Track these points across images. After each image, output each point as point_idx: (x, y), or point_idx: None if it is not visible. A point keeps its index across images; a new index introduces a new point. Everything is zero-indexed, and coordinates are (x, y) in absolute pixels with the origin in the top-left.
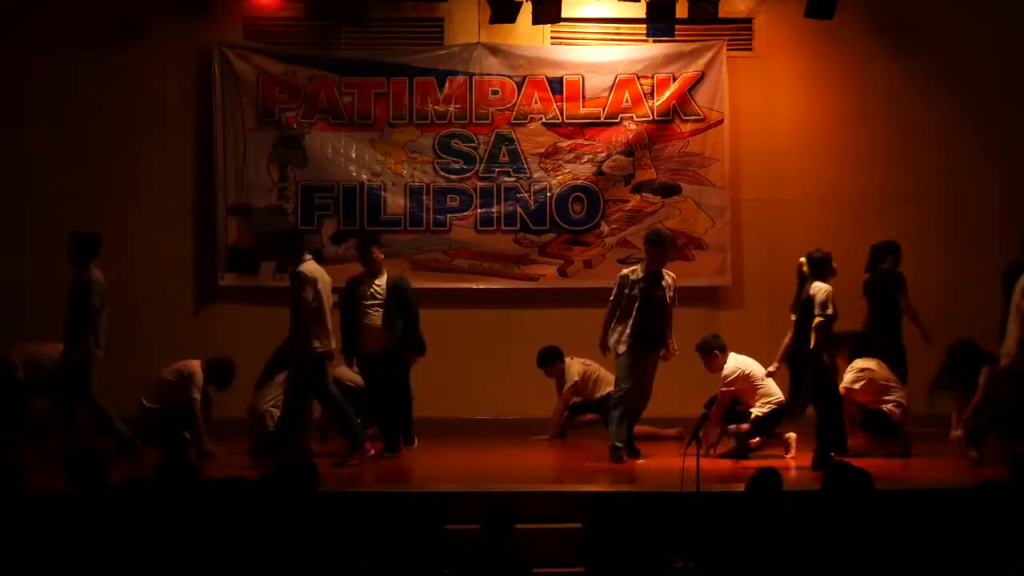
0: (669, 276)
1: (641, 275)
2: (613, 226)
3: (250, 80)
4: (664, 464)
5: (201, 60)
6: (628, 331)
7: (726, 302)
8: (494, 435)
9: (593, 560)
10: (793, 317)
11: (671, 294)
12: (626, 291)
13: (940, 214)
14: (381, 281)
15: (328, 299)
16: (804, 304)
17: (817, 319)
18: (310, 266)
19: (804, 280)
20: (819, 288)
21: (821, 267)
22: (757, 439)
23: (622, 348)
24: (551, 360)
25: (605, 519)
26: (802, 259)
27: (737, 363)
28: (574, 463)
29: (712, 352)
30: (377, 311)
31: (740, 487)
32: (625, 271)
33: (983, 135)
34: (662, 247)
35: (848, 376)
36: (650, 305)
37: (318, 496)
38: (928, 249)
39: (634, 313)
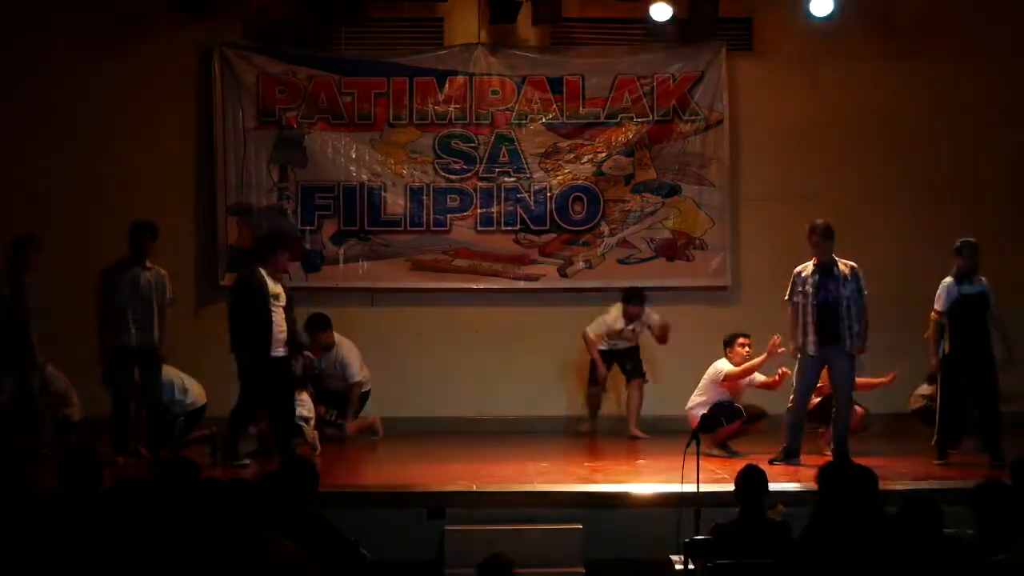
0: (845, 266)
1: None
2: (613, 226)
3: (250, 80)
4: (664, 464)
5: (201, 60)
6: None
7: (726, 302)
8: (495, 434)
9: (593, 560)
10: None
11: (852, 285)
12: (799, 288)
13: (940, 215)
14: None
15: None
16: None
17: None
18: None
19: None
20: None
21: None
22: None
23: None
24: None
25: (605, 519)
26: None
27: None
28: (574, 463)
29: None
30: (280, 313)
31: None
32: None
33: (983, 135)
34: (815, 236)
35: None
36: (824, 302)
37: (317, 495)
38: (927, 250)
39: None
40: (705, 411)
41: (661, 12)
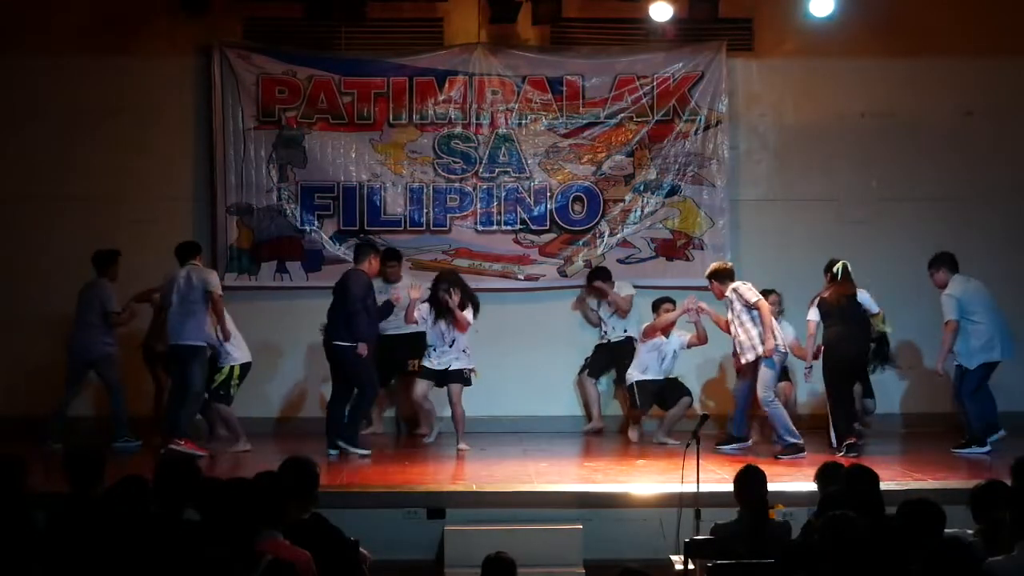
0: (731, 291)
1: None
2: (613, 226)
3: (250, 80)
4: (664, 463)
5: (201, 60)
6: None
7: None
8: (495, 434)
9: (593, 560)
10: None
11: (736, 306)
12: None
13: (939, 215)
14: None
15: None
16: None
17: None
18: None
19: None
20: None
21: None
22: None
23: None
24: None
25: (605, 519)
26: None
27: None
28: (574, 463)
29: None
30: None
31: None
32: None
33: (982, 136)
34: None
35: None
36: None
37: (318, 495)
38: (925, 251)
39: None
40: (637, 376)
41: (661, 12)
